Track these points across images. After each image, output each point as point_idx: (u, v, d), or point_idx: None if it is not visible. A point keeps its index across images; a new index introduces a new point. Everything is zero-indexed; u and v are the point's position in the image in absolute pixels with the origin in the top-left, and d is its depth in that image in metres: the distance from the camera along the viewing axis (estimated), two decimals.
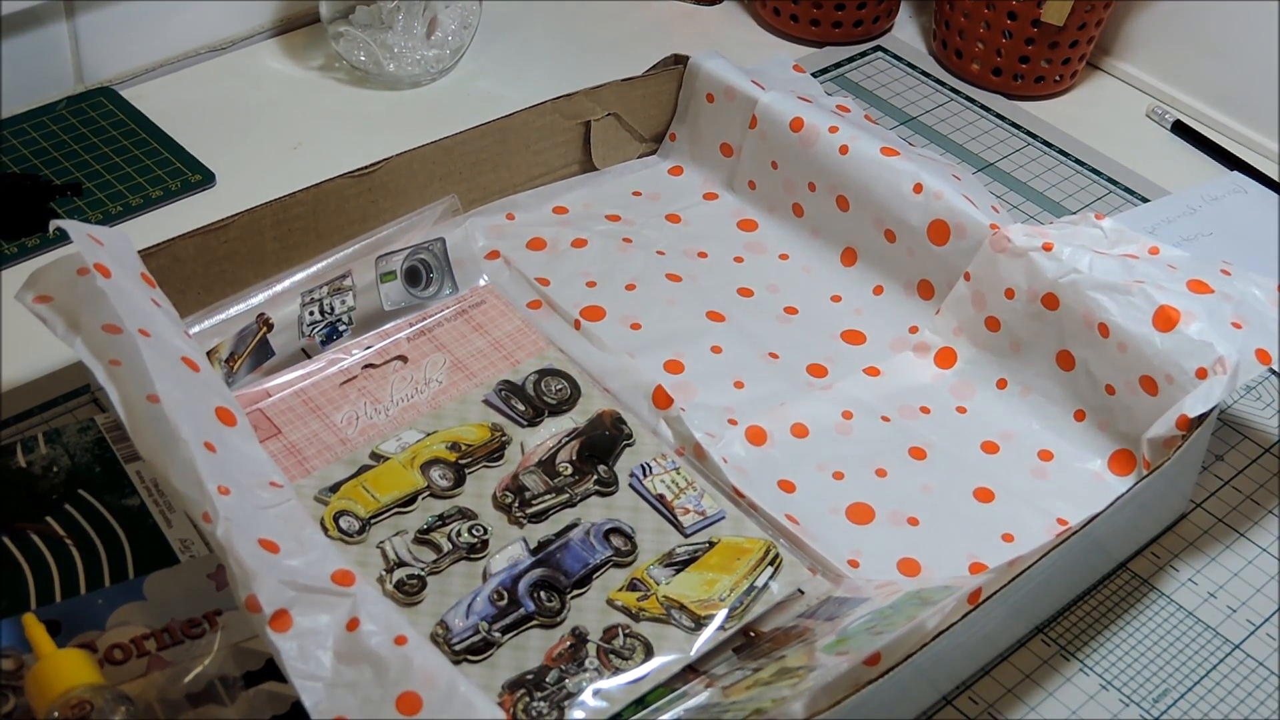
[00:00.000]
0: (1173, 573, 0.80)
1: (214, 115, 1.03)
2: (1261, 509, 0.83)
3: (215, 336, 0.79)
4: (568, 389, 0.82)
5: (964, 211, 0.87)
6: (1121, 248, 0.85)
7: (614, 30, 1.17)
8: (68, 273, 0.71)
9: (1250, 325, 0.80)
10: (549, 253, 0.92)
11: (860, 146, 0.91)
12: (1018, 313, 0.85)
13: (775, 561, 0.74)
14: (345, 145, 1.00)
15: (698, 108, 0.99)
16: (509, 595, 0.71)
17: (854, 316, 0.91)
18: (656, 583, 0.73)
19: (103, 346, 0.68)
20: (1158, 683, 0.74)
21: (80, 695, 0.60)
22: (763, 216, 0.97)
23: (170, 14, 1.05)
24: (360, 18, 1.05)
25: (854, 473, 0.81)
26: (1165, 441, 0.78)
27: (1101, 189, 1.06)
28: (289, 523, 0.66)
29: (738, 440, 0.82)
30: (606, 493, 0.77)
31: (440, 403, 0.81)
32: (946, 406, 0.86)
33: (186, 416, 0.65)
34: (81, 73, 1.03)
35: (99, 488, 0.75)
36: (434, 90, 1.08)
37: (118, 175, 0.96)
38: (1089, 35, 1.12)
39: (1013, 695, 0.72)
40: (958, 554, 0.77)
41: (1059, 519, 0.79)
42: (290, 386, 0.80)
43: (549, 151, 0.97)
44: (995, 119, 1.12)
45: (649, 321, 0.89)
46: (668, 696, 0.68)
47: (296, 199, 0.85)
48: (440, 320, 0.85)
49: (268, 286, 0.81)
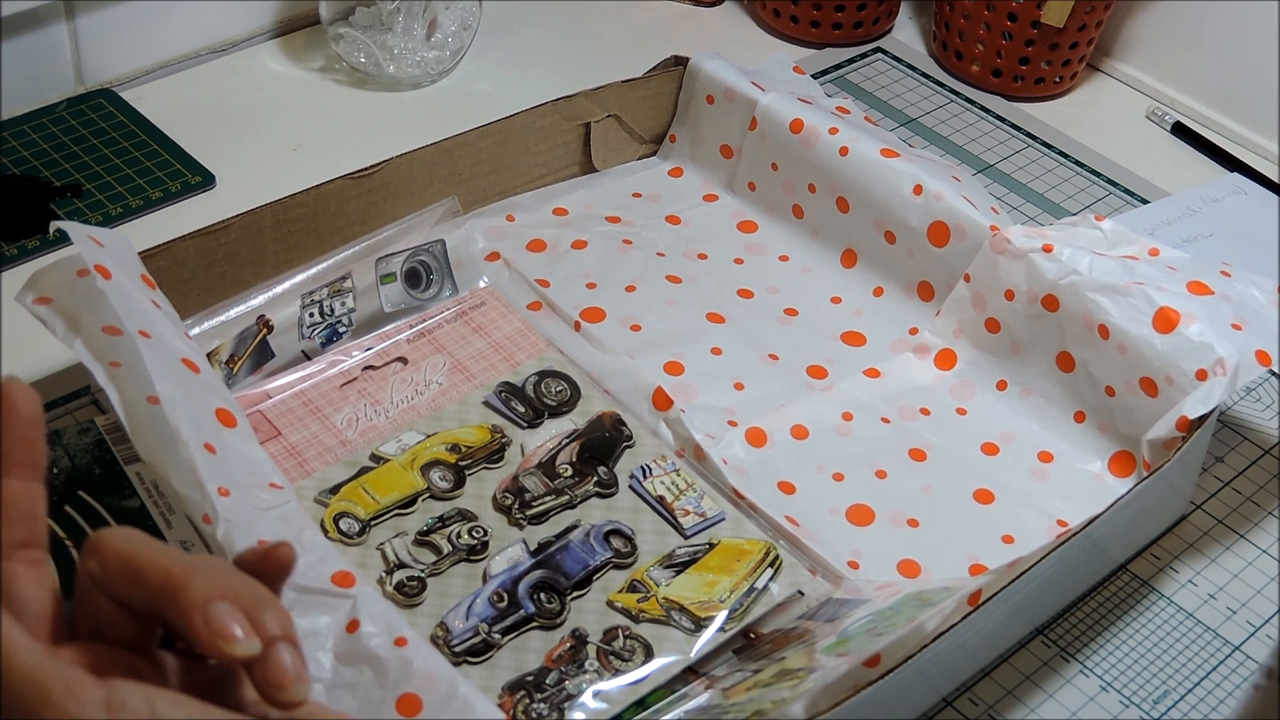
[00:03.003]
0: (1173, 574, 0.80)
1: (214, 116, 1.03)
2: (1261, 510, 0.83)
3: (215, 338, 0.79)
4: (568, 390, 0.82)
5: (964, 213, 0.87)
6: (1121, 249, 0.85)
7: (614, 31, 1.17)
8: (68, 274, 0.71)
9: (1250, 326, 0.80)
10: (549, 254, 0.93)
11: (860, 148, 0.91)
12: (1018, 314, 0.85)
13: (775, 563, 0.74)
14: (345, 147, 1.00)
15: (698, 109, 0.99)
16: (509, 597, 0.71)
17: (854, 318, 0.91)
18: (656, 584, 0.73)
19: (103, 348, 0.69)
20: (1158, 684, 0.74)
21: None
22: (763, 218, 0.97)
23: (170, 15, 1.05)
24: (360, 19, 1.05)
25: (854, 474, 0.81)
26: (1165, 443, 0.78)
27: (1101, 190, 1.06)
28: (289, 524, 0.66)
29: (738, 441, 0.82)
30: (606, 494, 0.77)
31: (440, 404, 0.81)
32: (946, 408, 0.86)
33: (187, 418, 0.65)
34: (81, 74, 1.03)
35: (99, 489, 0.75)
36: (434, 92, 1.08)
37: (118, 176, 0.96)
38: (1089, 36, 1.12)
39: (1013, 697, 0.72)
40: (958, 555, 0.77)
41: (1059, 520, 0.79)
42: (290, 388, 0.80)
43: (549, 153, 0.97)
44: (995, 120, 1.12)
45: (649, 323, 0.89)
46: (668, 698, 0.68)
47: (296, 200, 0.85)
48: (440, 322, 0.85)
49: (268, 288, 0.81)
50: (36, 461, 0.47)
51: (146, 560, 0.46)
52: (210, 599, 0.45)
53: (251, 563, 0.48)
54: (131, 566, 0.46)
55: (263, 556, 0.49)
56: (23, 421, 0.47)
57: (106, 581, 0.46)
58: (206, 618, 0.44)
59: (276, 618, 0.46)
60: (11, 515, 0.47)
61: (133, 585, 0.46)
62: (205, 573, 0.45)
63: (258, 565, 0.48)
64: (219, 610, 0.45)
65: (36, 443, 0.47)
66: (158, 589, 0.45)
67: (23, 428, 0.47)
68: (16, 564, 0.47)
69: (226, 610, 0.45)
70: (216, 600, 0.45)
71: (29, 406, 0.47)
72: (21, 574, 0.47)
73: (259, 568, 0.48)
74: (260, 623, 0.45)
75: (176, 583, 0.45)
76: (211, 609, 0.44)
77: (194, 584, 0.45)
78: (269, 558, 0.49)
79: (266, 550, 0.49)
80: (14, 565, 0.47)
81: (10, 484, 0.47)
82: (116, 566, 0.46)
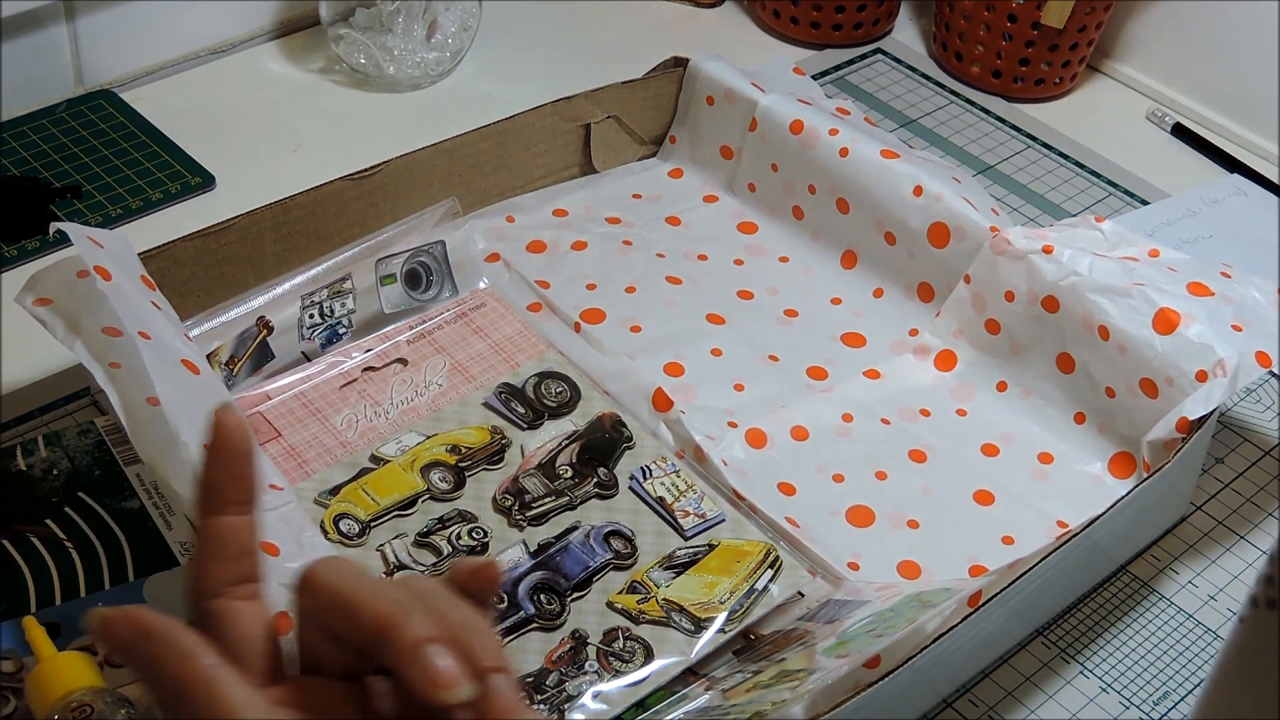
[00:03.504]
0: (1173, 575, 0.80)
1: (214, 118, 1.03)
2: (1261, 511, 0.83)
3: (215, 339, 0.79)
4: (568, 391, 0.82)
5: (964, 214, 0.87)
6: (1121, 250, 0.85)
7: (614, 32, 1.17)
8: (68, 275, 0.71)
9: (1250, 328, 0.80)
10: (549, 255, 0.92)
11: (860, 149, 0.91)
12: (1018, 315, 0.85)
13: (775, 564, 0.74)
14: (345, 148, 1.00)
15: (698, 110, 0.99)
16: (509, 598, 0.71)
17: (854, 319, 0.91)
18: (656, 585, 0.73)
19: (103, 349, 0.69)
20: (1158, 685, 0.74)
21: (81, 698, 0.60)
22: (763, 219, 0.97)
23: (170, 16, 1.05)
24: (360, 20, 1.05)
25: (854, 475, 0.81)
26: (1165, 444, 0.78)
27: (1101, 191, 1.06)
28: (289, 525, 0.66)
29: (738, 442, 0.82)
30: (606, 495, 0.77)
31: (440, 405, 0.81)
32: (946, 409, 0.86)
33: (187, 419, 0.65)
34: (81, 75, 1.03)
35: (99, 490, 0.75)
36: (434, 93, 1.08)
37: (118, 178, 0.96)
38: (1089, 38, 1.12)
39: (1013, 698, 0.72)
40: (958, 556, 0.77)
41: (1059, 521, 0.79)
42: (290, 389, 0.80)
43: (549, 154, 0.97)
44: (995, 121, 1.12)
45: (649, 324, 0.89)
46: (668, 699, 0.68)
47: (296, 201, 0.85)
48: (440, 323, 0.85)
49: (268, 289, 0.81)
50: (249, 497, 0.48)
51: (359, 599, 0.45)
52: (423, 642, 0.44)
53: (462, 582, 0.48)
54: (344, 604, 0.45)
55: (472, 575, 0.48)
56: (235, 458, 0.47)
57: (321, 618, 0.46)
58: (421, 663, 0.44)
59: (489, 647, 0.45)
60: (227, 552, 0.47)
61: (346, 623, 0.45)
62: (417, 611, 0.45)
63: (468, 584, 0.48)
64: (433, 655, 0.44)
65: (249, 477, 0.48)
66: (371, 630, 0.45)
67: (235, 464, 0.47)
68: (234, 601, 0.47)
69: (440, 654, 0.44)
70: (430, 644, 0.44)
71: (241, 440, 0.47)
72: (240, 611, 0.47)
73: (470, 586, 0.48)
74: (473, 656, 0.44)
75: (390, 625, 0.44)
76: (425, 654, 0.44)
77: (407, 627, 0.44)
78: (479, 576, 0.48)
79: (476, 568, 0.48)
80: (232, 603, 0.47)
81: (224, 521, 0.47)
82: (330, 604, 0.46)
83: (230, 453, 0.47)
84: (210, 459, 0.48)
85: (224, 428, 0.47)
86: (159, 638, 0.45)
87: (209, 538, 0.47)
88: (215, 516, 0.47)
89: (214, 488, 0.47)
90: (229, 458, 0.47)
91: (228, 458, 0.47)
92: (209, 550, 0.47)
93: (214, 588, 0.47)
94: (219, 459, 0.47)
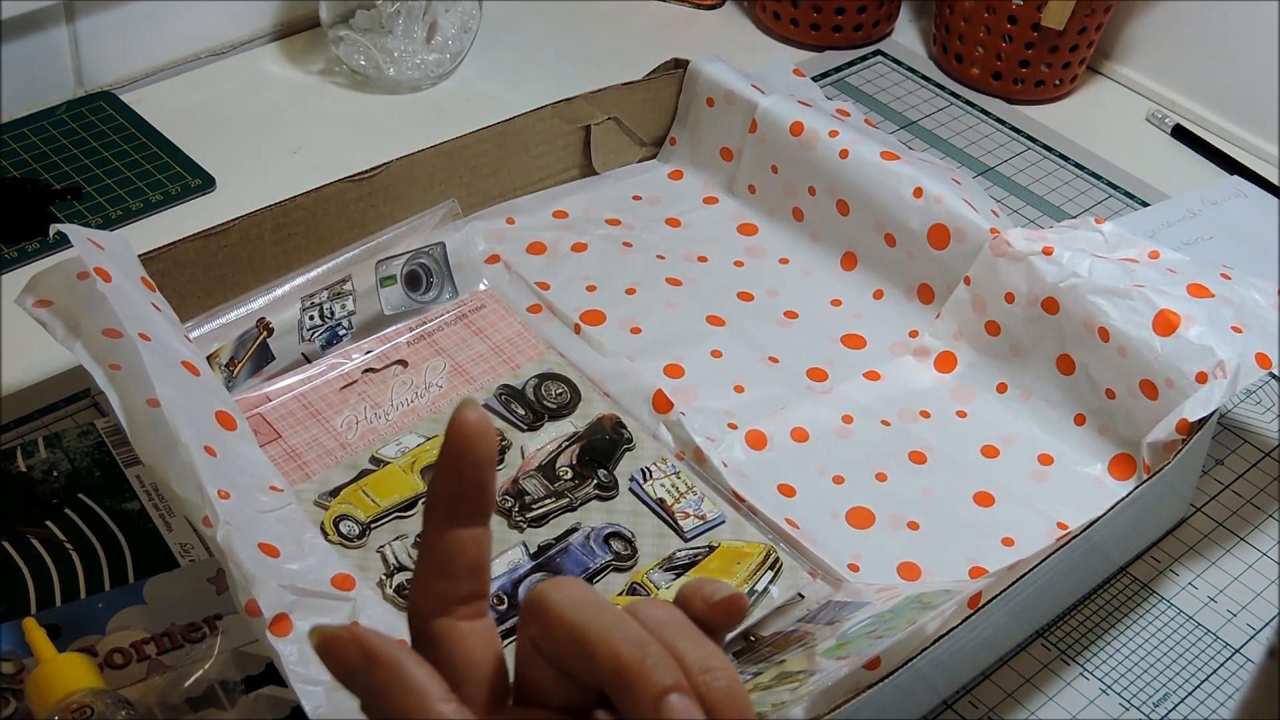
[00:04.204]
0: (1173, 577, 0.80)
1: (214, 119, 1.03)
2: (1262, 513, 0.83)
3: (215, 341, 0.79)
4: (568, 393, 0.82)
5: (964, 215, 0.87)
6: (1121, 252, 0.85)
7: (614, 34, 1.17)
8: (68, 277, 0.71)
9: (1250, 329, 0.80)
10: (549, 257, 0.93)
11: (860, 150, 0.91)
12: (1018, 317, 0.85)
13: (775, 565, 0.74)
14: (345, 149, 1.00)
15: (698, 112, 0.99)
16: (509, 599, 0.71)
17: (854, 320, 0.91)
18: (657, 587, 0.73)
19: (103, 350, 0.69)
20: (1158, 687, 0.74)
21: (81, 699, 0.60)
22: (763, 220, 0.97)
23: (170, 18, 1.05)
24: (360, 22, 1.05)
25: (854, 476, 0.81)
26: (1165, 445, 0.78)
27: (1101, 193, 1.06)
28: (289, 527, 0.66)
29: (738, 444, 0.82)
30: (606, 497, 0.77)
31: (440, 407, 0.81)
32: (946, 410, 0.86)
33: (187, 420, 0.65)
34: (81, 77, 1.03)
35: (99, 492, 0.75)
36: (434, 94, 1.08)
37: (118, 179, 0.96)
38: (1089, 39, 1.12)
39: (1013, 699, 0.72)
40: (958, 558, 0.77)
41: (1059, 523, 0.79)
42: (290, 391, 0.80)
43: (549, 155, 0.97)
44: (995, 123, 1.12)
45: (649, 325, 0.89)
46: None
47: (296, 203, 0.85)
48: (440, 324, 0.85)
49: (268, 291, 0.81)
50: (487, 509, 0.44)
51: (595, 637, 0.42)
52: (664, 693, 0.41)
53: (701, 611, 0.45)
54: (580, 642, 0.42)
55: (714, 606, 0.45)
56: (475, 467, 0.43)
57: (551, 651, 0.43)
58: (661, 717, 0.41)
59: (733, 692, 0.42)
60: (458, 568, 0.43)
61: (581, 662, 0.42)
62: (656, 655, 0.42)
63: (707, 615, 0.45)
64: (673, 708, 0.41)
65: (489, 488, 0.43)
66: (610, 674, 0.42)
67: (475, 473, 0.43)
68: (462, 621, 0.44)
69: (681, 707, 0.41)
70: (670, 695, 0.41)
71: (485, 448, 0.43)
72: (468, 633, 0.44)
73: (708, 618, 0.45)
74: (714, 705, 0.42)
75: (630, 673, 0.41)
76: (665, 706, 0.41)
77: (649, 674, 0.41)
78: (721, 608, 0.45)
79: (718, 601, 0.45)
80: (460, 624, 0.44)
81: (458, 534, 0.43)
82: (563, 639, 0.42)
83: (471, 461, 0.43)
84: (448, 465, 0.43)
85: (467, 430, 0.42)
86: (387, 667, 0.42)
87: (438, 551, 0.43)
88: (449, 530, 0.43)
89: (451, 498, 0.43)
90: (469, 467, 0.43)
91: (468, 466, 0.43)
92: (437, 565, 0.44)
93: (439, 606, 0.44)
94: (458, 467, 0.43)
